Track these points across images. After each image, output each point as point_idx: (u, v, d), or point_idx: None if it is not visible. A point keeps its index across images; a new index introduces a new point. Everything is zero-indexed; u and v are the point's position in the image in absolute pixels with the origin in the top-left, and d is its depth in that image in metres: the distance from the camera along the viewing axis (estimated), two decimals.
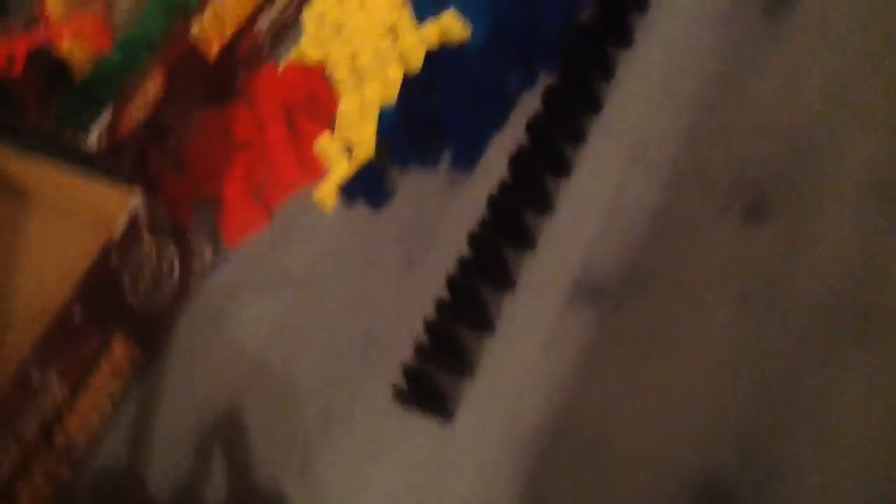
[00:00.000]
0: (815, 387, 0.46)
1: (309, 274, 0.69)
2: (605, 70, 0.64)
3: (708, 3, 0.64)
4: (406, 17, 0.78)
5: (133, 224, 0.66)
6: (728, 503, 0.45)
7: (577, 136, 0.63)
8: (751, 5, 0.62)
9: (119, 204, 0.67)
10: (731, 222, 0.54)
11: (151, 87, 0.78)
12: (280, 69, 0.83)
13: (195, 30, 0.80)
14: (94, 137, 0.76)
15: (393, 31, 0.78)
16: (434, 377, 0.56)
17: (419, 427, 0.55)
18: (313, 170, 0.74)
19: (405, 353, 0.58)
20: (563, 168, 0.62)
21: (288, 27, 0.87)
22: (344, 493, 0.56)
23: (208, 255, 0.73)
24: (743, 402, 0.47)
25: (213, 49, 0.81)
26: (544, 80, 0.67)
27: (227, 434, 0.62)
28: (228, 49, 0.83)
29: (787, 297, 0.50)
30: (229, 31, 0.83)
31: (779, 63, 0.59)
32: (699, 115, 0.59)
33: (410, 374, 0.57)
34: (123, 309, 0.66)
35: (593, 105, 0.63)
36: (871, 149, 0.52)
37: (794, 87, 0.57)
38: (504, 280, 0.59)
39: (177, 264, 0.71)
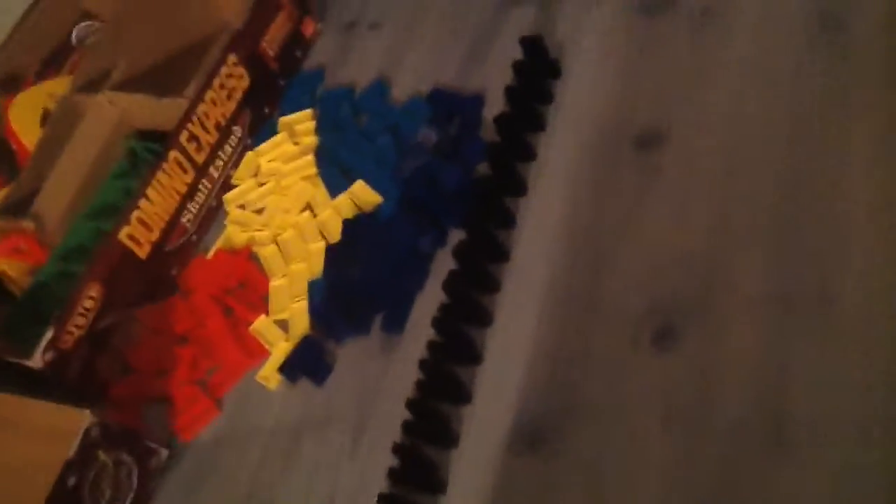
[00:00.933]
0: (750, 495, 0.49)
1: (266, 455, 0.71)
2: (507, 220, 0.70)
3: (584, 148, 0.70)
4: (320, 191, 0.84)
5: (86, 443, 0.67)
6: None
7: (492, 287, 0.67)
8: (622, 146, 0.68)
9: (70, 424, 0.69)
10: (644, 352, 0.58)
11: (89, 298, 0.81)
12: (209, 258, 0.87)
13: (123, 234, 0.83)
14: (38, 355, 0.78)
15: (309, 207, 0.83)
16: None
17: None
18: (255, 353, 0.77)
19: None
20: (483, 319, 0.66)
21: (212, 216, 0.91)
22: None
23: (163, 455, 0.74)
24: None
25: (144, 250, 0.85)
26: (455, 236, 0.72)
27: None
28: (158, 247, 0.86)
29: (706, 417, 0.53)
30: (157, 230, 0.86)
31: (662, 194, 0.64)
32: (597, 254, 0.64)
33: None
34: None
35: (501, 255, 0.68)
36: (760, 264, 0.57)
37: (680, 214, 0.63)
38: (448, 438, 0.62)
39: (134, 469, 0.72)
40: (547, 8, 0.82)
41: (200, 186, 0.90)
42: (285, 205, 0.84)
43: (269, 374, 0.74)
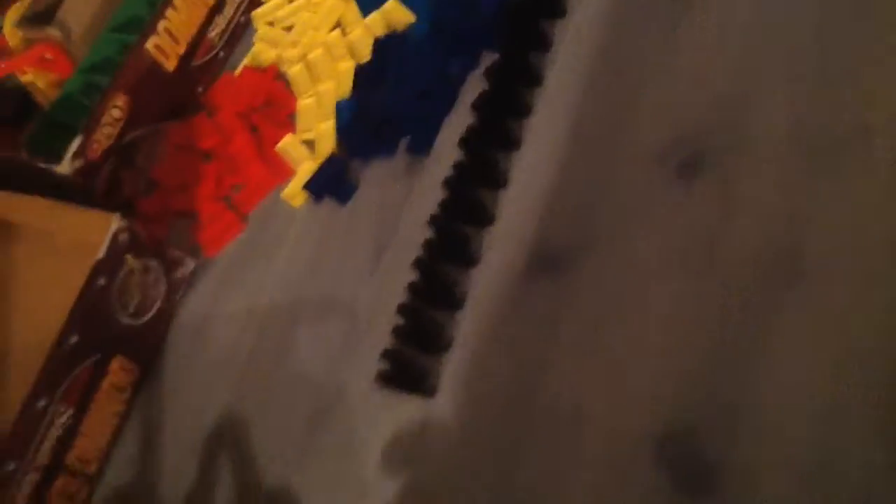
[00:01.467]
0: (757, 333, 0.49)
1: (288, 273, 0.72)
2: (543, 44, 0.67)
3: None
4: (352, 9, 0.80)
5: (115, 247, 0.69)
6: (692, 442, 0.48)
7: (522, 111, 0.65)
8: None
9: (99, 229, 0.70)
10: (668, 181, 0.57)
11: (116, 108, 0.80)
12: (236, 75, 0.85)
13: (150, 46, 0.82)
14: (66, 165, 0.78)
15: (340, 25, 0.80)
16: (413, 357, 0.60)
17: (404, 403, 0.59)
18: (280, 171, 0.76)
19: (385, 338, 0.61)
20: (512, 143, 0.64)
21: (240, 32, 0.89)
22: (342, 473, 0.59)
23: (190, 266, 0.76)
24: (696, 354, 0.50)
25: (171, 63, 0.83)
26: (486, 59, 0.69)
27: (228, 434, 0.66)
28: (185, 61, 0.85)
29: (724, 250, 0.52)
30: (184, 44, 0.85)
31: (697, 26, 0.61)
32: (631, 83, 0.61)
33: (391, 357, 0.60)
34: (116, 329, 0.69)
35: (535, 79, 0.66)
36: (788, 102, 0.55)
37: (715, 49, 0.60)
38: (468, 257, 0.62)
39: (162, 279, 0.74)
40: None
41: (228, 1, 0.87)
42: (315, 22, 0.82)
43: (294, 191, 0.74)
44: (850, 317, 0.47)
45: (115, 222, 0.69)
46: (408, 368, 0.60)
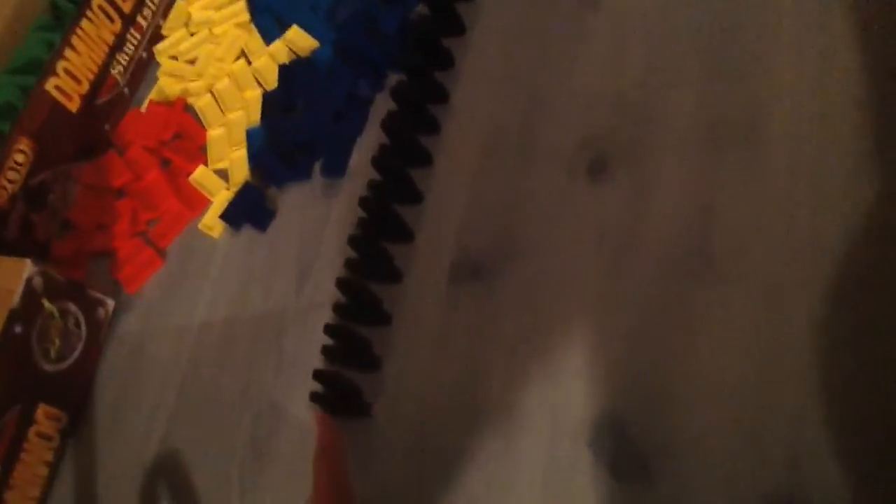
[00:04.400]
0: (676, 324, 0.52)
1: (213, 302, 0.72)
2: (445, 61, 0.69)
3: None
4: (255, 38, 0.81)
5: (30, 293, 0.67)
6: (625, 431, 0.51)
7: (432, 128, 0.67)
8: None
9: (12, 275, 0.69)
10: (579, 183, 0.59)
11: (20, 153, 0.79)
12: (143, 111, 0.84)
13: (51, 88, 0.80)
14: None
15: (244, 55, 0.81)
16: (344, 376, 0.61)
17: (342, 422, 0.60)
18: (195, 203, 0.76)
19: (315, 360, 0.62)
20: (423, 159, 0.66)
21: (143, 68, 0.88)
22: (286, 500, 0.60)
23: (111, 305, 0.75)
24: (620, 346, 0.53)
25: (74, 104, 0.82)
26: (393, 79, 0.71)
27: (166, 475, 0.65)
28: (88, 100, 0.84)
29: (638, 246, 0.55)
30: (86, 83, 0.84)
31: (599, 35, 0.64)
32: (535, 92, 0.64)
33: (322, 377, 0.61)
34: (39, 376, 0.68)
35: (441, 96, 0.68)
36: (691, 96, 0.58)
37: (616, 54, 0.63)
38: (391, 274, 0.63)
39: (82, 321, 0.73)
40: None
41: (129, 37, 0.87)
42: (219, 53, 0.82)
43: (211, 222, 0.74)
44: (762, 308, 0.50)
45: (28, 268, 0.68)
46: (341, 389, 0.61)
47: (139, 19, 0.87)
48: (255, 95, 0.78)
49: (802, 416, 0.46)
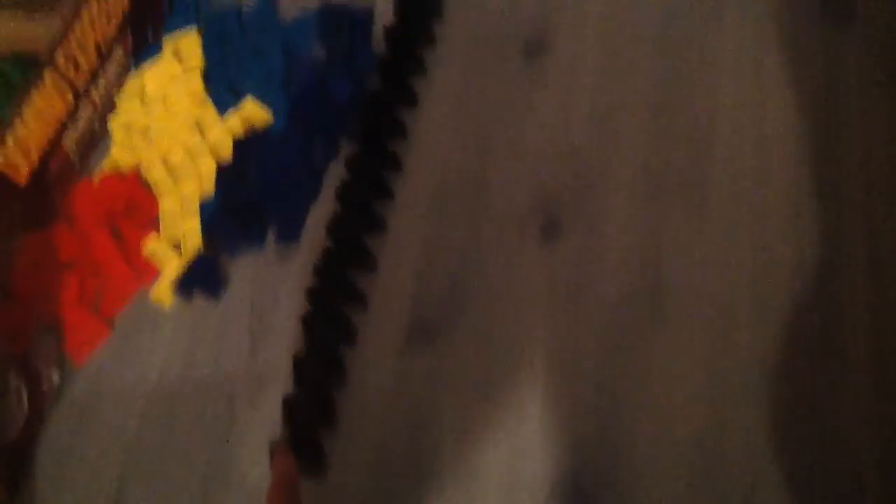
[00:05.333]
0: (630, 373, 0.53)
1: (163, 368, 0.70)
2: (398, 129, 0.71)
3: (472, 59, 0.72)
4: (209, 111, 0.82)
5: None
6: (581, 489, 0.51)
7: (385, 194, 0.68)
8: (511, 52, 0.70)
9: None
10: (531, 243, 0.61)
11: None
12: (95, 182, 0.84)
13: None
14: None
15: (199, 127, 0.82)
16: (302, 438, 0.59)
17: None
18: (145, 272, 0.75)
19: (271, 420, 0.61)
20: (377, 226, 0.67)
21: (96, 139, 0.88)
22: None
23: (56, 377, 0.73)
24: (576, 398, 0.54)
25: (22, 175, 0.82)
26: (346, 147, 0.72)
27: None
28: (39, 172, 0.83)
29: (590, 300, 0.57)
30: (36, 155, 0.83)
31: (547, 97, 0.67)
32: (486, 156, 0.66)
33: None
34: None
35: (394, 164, 0.69)
36: (636, 150, 0.61)
37: (563, 114, 0.65)
38: (346, 337, 0.63)
39: (24, 393, 0.70)
40: None
41: (81, 110, 0.87)
42: (173, 126, 0.83)
43: (162, 291, 0.73)
44: (714, 351, 0.51)
45: None
46: (298, 451, 0.59)
47: (93, 93, 0.87)
48: (209, 167, 0.78)
49: (755, 450, 0.47)
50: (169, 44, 0.89)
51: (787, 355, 0.49)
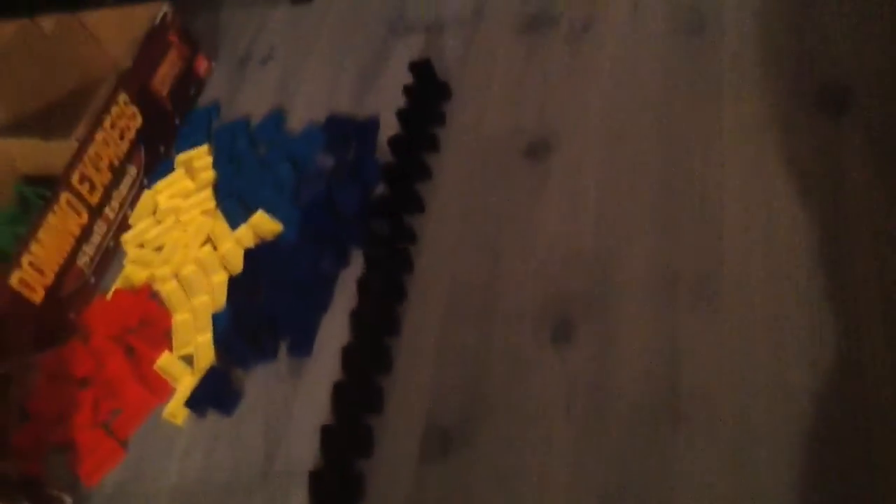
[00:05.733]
0: (652, 481, 0.51)
1: (176, 488, 0.69)
2: (409, 236, 0.71)
3: (477, 163, 0.73)
4: (220, 224, 0.83)
5: None
6: None
7: (400, 296, 0.68)
8: (512, 157, 0.71)
9: None
10: (545, 348, 0.60)
11: None
12: (108, 299, 0.85)
13: (14, 282, 0.81)
14: None
15: (210, 240, 0.83)
16: None
17: None
18: (160, 390, 0.75)
19: None
20: (393, 327, 0.67)
21: (110, 257, 0.89)
22: None
23: (68, 501, 0.72)
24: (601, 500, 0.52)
25: (37, 295, 0.82)
26: (356, 255, 0.73)
27: None
28: (53, 290, 0.84)
29: (606, 404, 0.56)
30: (51, 273, 0.84)
31: (552, 198, 0.67)
32: (495, 261, 0.66)
33: None
34: None
35: (407, 267, 0.69)
36: (645, 256, 0.61)
37: (569, 215, 0.66)
38: (363, 448, 0.62)
39: None
40: (432, 33, 0.85)
41: (96, 228, 0.88)
42: (185, 240, 0.84)
43: (175, 409, 0.73)
44: (736, 456, 0.50)
45: None
46: None
47: (107, 211, 0.89)
48: (220, 280, 0.79)
49: None
50: (181, 160, 0.91)
51: (810, 456, 0.47)
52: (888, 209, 0.55)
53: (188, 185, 0.89)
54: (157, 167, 0.93)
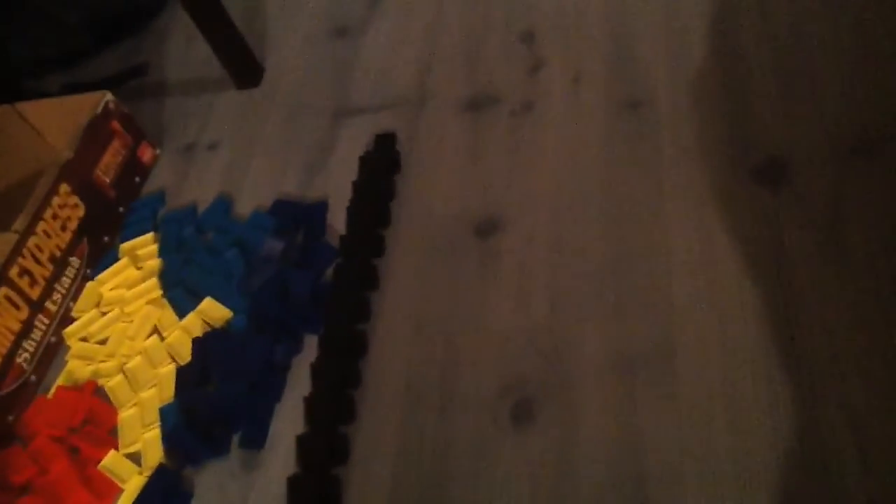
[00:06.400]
0: None
1: None
2: (364, 314, 0.70)
3: (428, 241, 0.72)
4: (167, 313, 0.81)
5: None
6: None
7: (356, 382, 0.67)
8: (463, 236, 0.71)
9: None
10: (505, 429, 0.59)
11: None
12: (50, 398, 0.81)
13: None
14: None
15: (157, 331, 0.80)
16: None
17: None
18: (106, 493, 0.71)
19: None
20: (349, 415, 0.65)
21: (51, 353, 0.86)
22: None
23: None
24: None
25: None
26: (309, 341, 0.71)
27: None
28: None
29: (571, 484, 0.54)
30: None
31: (503, 278, 0.67)
32: (449, 338, 0.65)
33: None
34: None
35: (362, 349, 0.68)
36: (599, 331, 0.60)
37: (521, 295, 0.65)
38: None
39: None
40: (379, 114, 0.85)
41: (37, 323, 0.85)
42: (131, 332, 0.81)
43: None
44: None
45: None
46: None
47: (48, 304, 0.86)
48: (168, 371, 0.76)
49: None
50: (125, 248, 0.89)
51: None
52: (832, 277, 0.55)
53: (133, 274, 0.86)
54: (101, 258, 0.90)
